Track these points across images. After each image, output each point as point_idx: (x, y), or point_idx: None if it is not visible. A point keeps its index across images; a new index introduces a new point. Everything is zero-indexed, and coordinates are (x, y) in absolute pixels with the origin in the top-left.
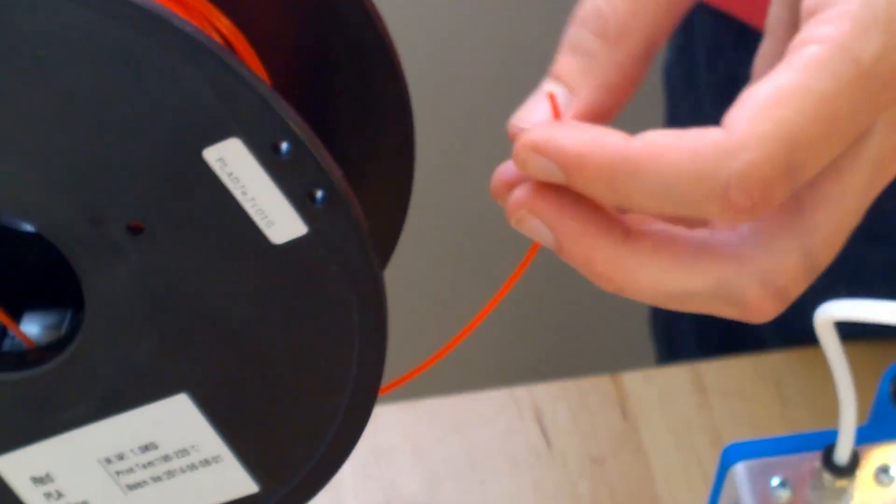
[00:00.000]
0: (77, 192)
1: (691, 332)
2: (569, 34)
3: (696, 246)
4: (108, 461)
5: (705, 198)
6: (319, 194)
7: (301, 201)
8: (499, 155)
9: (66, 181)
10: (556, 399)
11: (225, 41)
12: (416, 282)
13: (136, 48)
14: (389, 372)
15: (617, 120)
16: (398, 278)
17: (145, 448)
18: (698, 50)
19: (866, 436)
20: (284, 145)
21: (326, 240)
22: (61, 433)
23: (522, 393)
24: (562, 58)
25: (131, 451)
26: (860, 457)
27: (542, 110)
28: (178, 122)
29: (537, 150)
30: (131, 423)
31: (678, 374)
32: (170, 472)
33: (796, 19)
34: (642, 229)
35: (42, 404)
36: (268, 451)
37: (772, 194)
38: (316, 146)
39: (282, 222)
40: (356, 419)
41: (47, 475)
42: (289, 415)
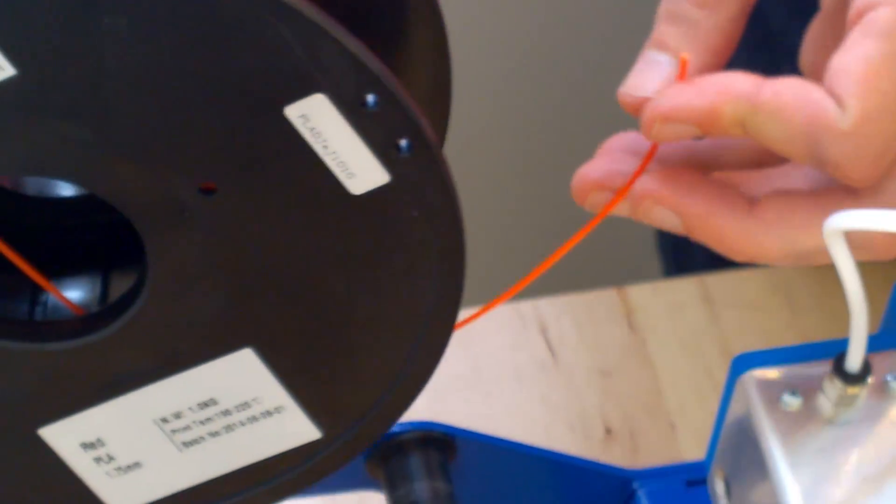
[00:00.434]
0: (148, 155)
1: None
2: (665, 4)
3: (817, 203)
4: (164, 420)
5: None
6: (404, 143)
7: (384, 151)
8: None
9: (138, 144)
10: (561, 313)
11: None
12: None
13: (225, 6)
14: None
15: None
16: None
17: (204, 405)
18: None
19: (878, 344)
20: (370, 98)
21: (409, 186)
22: (118, 397)
23: (527, 307)
24: (662, 27)
25: (189, 408)
26: (871, 365)
27: (653, 77)
28: (260, 81)
29: (668, 120)
30: (191, 381)
31: (686, 286)
32: (229, 427)
33: None
34: (763, 197)
35: (98, 370)
36: (333, 397)
37: (884, 163)
38: (405, 98)
39: (363, 173)
40: (426, 362)
41: (98, 440)
42: (357, 361)
